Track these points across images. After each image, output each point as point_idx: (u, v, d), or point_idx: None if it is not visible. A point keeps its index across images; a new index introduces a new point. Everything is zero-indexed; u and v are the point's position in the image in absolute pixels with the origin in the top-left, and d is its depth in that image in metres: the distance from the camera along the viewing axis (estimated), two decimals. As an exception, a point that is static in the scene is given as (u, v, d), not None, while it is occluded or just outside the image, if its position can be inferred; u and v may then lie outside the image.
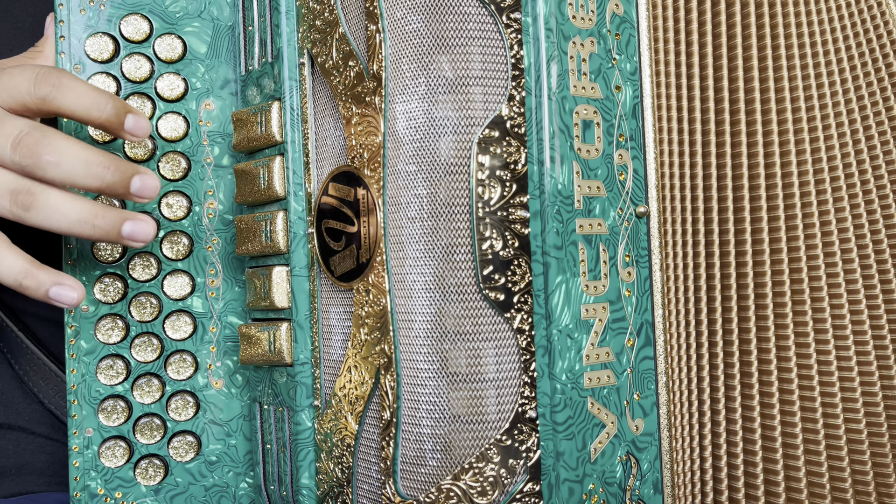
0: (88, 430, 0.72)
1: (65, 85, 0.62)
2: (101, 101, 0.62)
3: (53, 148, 0.60)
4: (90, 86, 0.63)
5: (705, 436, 0.68)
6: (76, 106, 0.62)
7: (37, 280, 0.61)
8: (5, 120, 0.61)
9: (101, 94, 0.63)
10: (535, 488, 0.58)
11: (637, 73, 0.63)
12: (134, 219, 0.63)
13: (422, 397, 0.59)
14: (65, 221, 0.61)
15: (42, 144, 0.60)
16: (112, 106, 0.63)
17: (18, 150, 0.60)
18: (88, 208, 0.61)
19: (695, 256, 0.67)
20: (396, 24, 0.59)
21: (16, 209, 0.60)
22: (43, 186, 0.61)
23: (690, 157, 0.68)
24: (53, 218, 0.61)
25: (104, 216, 0.62)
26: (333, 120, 0.66)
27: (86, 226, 0.61)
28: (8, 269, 0.61)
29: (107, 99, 0.63)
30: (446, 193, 0.58)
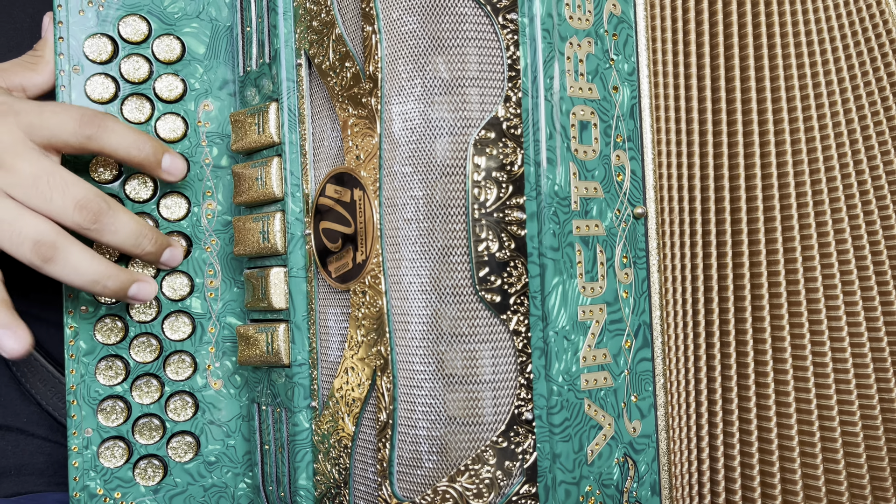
0: (88, 431, 0.72)
1: (109, 127, 0.66)
2: (139, 141, 0.68)
3: (117, 219, 0.66)
4: (130, 127, 0.68)
5: (703, 438, 0.67)
6: (118, 146, 0.67)
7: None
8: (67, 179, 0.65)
9: (140, 135, 0.68)
10: (532, 490, 0.58)
11: (635, 73, 0.63)
12: (140, 280, 0.69)
13: (418, 399, 0.59)
14: (79, 279, 0.65)
15: (108, 214, 0.65)
16: (150, 146, 0.68)
17: (82, 214, 0.64)
18: (103, 270, 0.66)
19: (693, 258, 0.67)
20: (392, 25, 0.59)
21: (35, 259, 0.64)
22: (66, 242, 0.65)
23: (689, 158, 0.67)
24: (70, 275, 0.65)
25: (116, 278, 0.67)
26: (331, 121, 0.66)
27: (97, 286, 0.66)
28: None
29: (145, 139, 0.68)
30: (442, 195, 0.58)
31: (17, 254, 0.64)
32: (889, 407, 0.69)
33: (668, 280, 0.65)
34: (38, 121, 0.65)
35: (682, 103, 0.67)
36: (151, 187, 0.73)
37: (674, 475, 0.65)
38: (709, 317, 0.68)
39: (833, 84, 0.70)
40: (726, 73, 0.68)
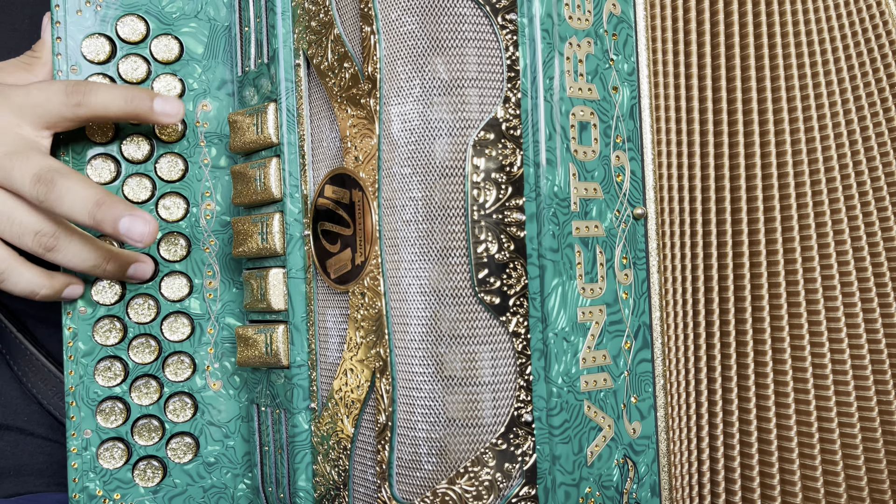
0: (87, 432, 0.72)
1: (93, 89, 0.67)
2: (128, 94, 0.68)
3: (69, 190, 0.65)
4: (115, 84, 0.69)
5: (703, 439, 0.67)
6: (109, 104, 0.67)
7: (52, 288, 0.69)
8: (32, 156, 0.66)
9: (128, 89, 0.68)
10: (531, 492, 0.57)
11: (635, 73, 0.62)
12: (138, 261, 0.71)
13: (417, 401, 0.58)
14: (81, 265, 0.69)
15: (56, 183, 0.65)
16: (138, 94, 0.68)
17: (37, 187, 0.65)
18: (101, 254, 0.69)
19: (693, 258, 0.67)
20: (391, 26, 0.59)
21: (38, 249, 0.67)
22: (64, 232, 0.67)
23: (689, 159, 0.67)
24: (72, 262, 0.68)
25: (115, 260, 0.70)
26: (329, 122, 0.65)
27: (98, 269, 0.69)
28: (26, 283, 0.69)
29: (132, 91, 0.68)
30: (441, 196, 0.58)
31: (21, 244, 0.67)
32: (887, 409, 0.69)
33: (668, 281, 0.65)
34: (26, 101, 0.66)
35: (682, 103, 0.67)
36: (150, 188, 0.73)
37: (673, 476, 0.65)
38: (709, 318, 0.68)
39: (833, 84, 0.70)
40: (727, 74, 0.68)
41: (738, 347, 0.68)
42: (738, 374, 0.68)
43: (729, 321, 0.68)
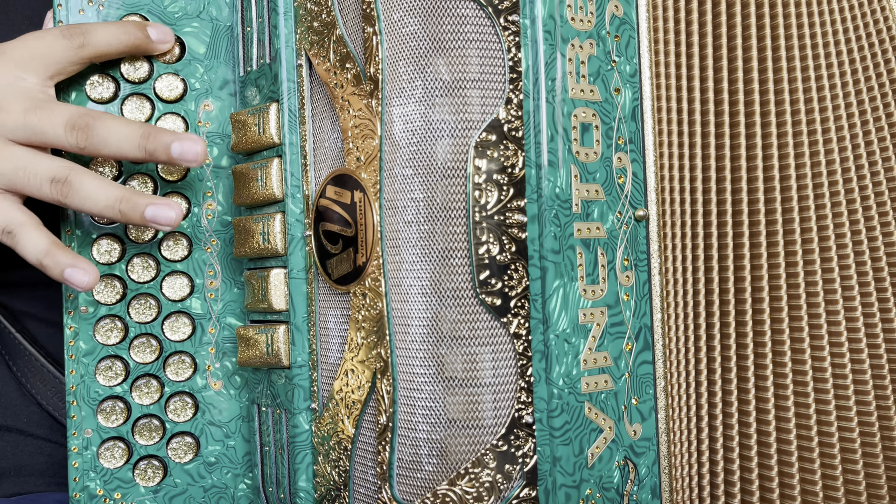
0: (87, 431, 0.72)
1: (90, 29, 0.68)
2: (121, 28, 0.69)
3: (107, 127, 0.66)
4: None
5: (703, 441, 0.67)
6: (108, 40, 0.68)
7: (55, 260, 0.66)
8: (55, 107, 0.66)
9: (121, 24, 0.69)
10: (532, 494, 0.57)
11: (637, 75, 0.62)
12: (156, 203, 0.66)
13: (418, 402, 0.58)
14: (94, 206, 0.66)
15: (96, 127, 0.65)
16: (132, 27, 0.69)
17: (74, 134, 0.65)
18: (115, 194, 0.66)
19: (694, 260, 0.67)
20: (393, 27, 0.59)
21: (56, 195, 0.66)
22: (78, 174, 0.66)
23: (691, 161, 0.67)
24: (85, 203, 0.66)
25: (128, 200, 0.66)
26: (331, 122, 0.65)
27: (112, 210, 0.66)
28: (32, 248, 0.66)
29: (125, 26, 0.69)
30: (443, 197, 0.58)
31: (40, 194, 0.66)
32: (886, 414, 0.69)
33: (670, 283, 0.65)
34: (26, 53, 0.66)
35: (684, 105, 0.66)
36: (151, 187, 0.73)
37: (674, 478, 0.65)
38: (710, 319, 0.68)
39: (837, 87, 0.70)
40: (729, 75, 0.68)
41: (739, 349, 0.68)
42: (738, 377, 0.68)
43: (730, 323, 0.68)
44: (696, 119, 0.67)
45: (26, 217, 0.67)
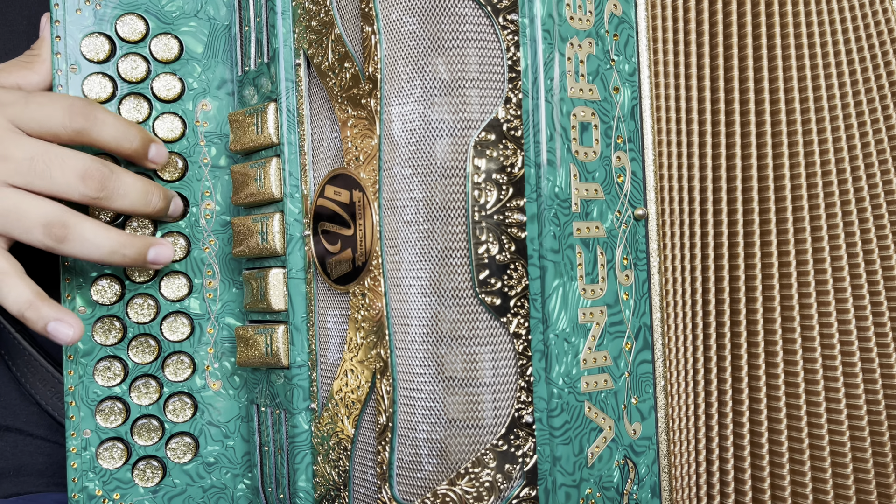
0: (86, 432, 0.72)
1: (99, 119, 0.65)
2: (130, 133, 0.67)
3: (123, 182, 0.66)
4: (120, 118, 0.67)
5: (701, 440, 0.67)
6: (109, 139, 0.66)
7: (38, 313, 0.64)
8: (63, 154, 0.64)
9: (131, 127, 0.68)
10: (532, 493, 0.57)
11: (636, 74, 0.62)
12: (156, 244, 0.69)
13: (418, 401, 0.58)
14: (97, 252, 0.65)
15: (112, 180, 0.65)
16: (139, 138, 0.68)
17: (88, 184, 0.64)
18: (119, 239, 0.66)
19: (693, 259, 0.67)
20: (392, 26, 0.59)
21: (49, 241, 0.64)
22: (76, 218, 0.64)
23: (689, 160, 0.67)
24: (87, 250, 0.65)
25: (132, 245, 0.67)
26: (330, 122, 0.65)
27: (116, 255, 0.66)
28: (14, 299, 0.64)
29: (135, 131, 0.68)
30: (442, 197, 0.57)
31: (30, 240, 0.64)
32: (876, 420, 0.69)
33: (669, 282, 0.65)
34: (24, 113, 0.64)
35: (682, 104, 0.66)
36: (149, 187, 0.73)
37: (674, 477, 0.65)
38: (707, 318, 0.68)
39: (834, 87, 0.70)
40: (726, 74, 0.68)
41: (736, 349, 0.68)
42: (734, 376, 0.68)
43: (727, 322, 0.68)
44: (695, 118, 0.67)
45: (9, 265, 0.64)
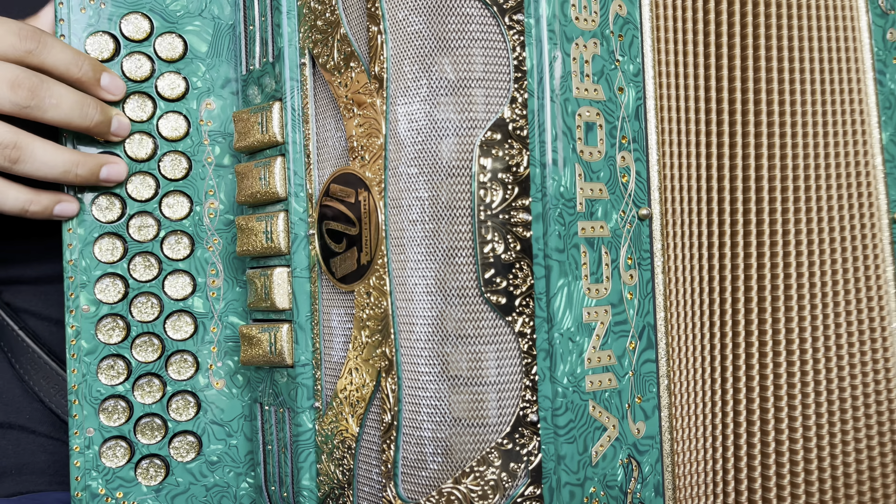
0: (89, 430, 0.72)
1: (48, 43, 0.66)
2: (80, 59, 0.68)
3: (54, 92, 0.66)
4: (69, 46, 0.68)
5: (707, 438, 0.68)
6: (57, 62, 0.67)
7: (41, 204, 0.68)
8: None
9: (80, 54, 0.68)
10: (536, 492, 0.58)
11: (640, 74, 0.63)
12: (109, 163, 0.69)
13: (423, 400, 0.58)
14: (51, 171, 0.66)
15: (43, 88, 0.65)
16: (90, 65, 0.68)
17: (18, 92, 0.64)
18: (71, 158, 0.67)
19: (698, 259, 0.67)
20: (398, 26, 0.59)
21: (4, 162, 0.65)
22: (28, 139, 0.66)
23: (695, 160, 0.67)
24: (41, 169, 0.66)
25: (85, 163, 0.68)
26: (335, 121, 0.65)
27: (70, 174, 0.67)
28: (14, 199, 0.67)
29: (86, 59, 0.68)
30: (448, 196, 0.58)
31: None
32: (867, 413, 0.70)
33: (673, 282, 0.65)
34: None
35: (688, 104, 0.67)
36: (153, 187, 0.73)
37: (677, 476, 0.65)
38: (712, 318, 0.68)
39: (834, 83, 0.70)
40: (730, 74, 0.68)
41: (740, 348, 0.68)
42: (735, 376, 0.69)
43: (731, 322, 0.68)
44: (700, 118, 0.67)
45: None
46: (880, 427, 0.70)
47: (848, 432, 0.69)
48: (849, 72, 0.71)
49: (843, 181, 0.70)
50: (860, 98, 0.71)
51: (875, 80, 0.71)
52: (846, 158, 0.70)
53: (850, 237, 0.70)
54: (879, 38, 0.71)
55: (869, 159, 0.71)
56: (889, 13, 0.71)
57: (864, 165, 0.71)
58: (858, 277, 0.70)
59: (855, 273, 0.70)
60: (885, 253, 0.70)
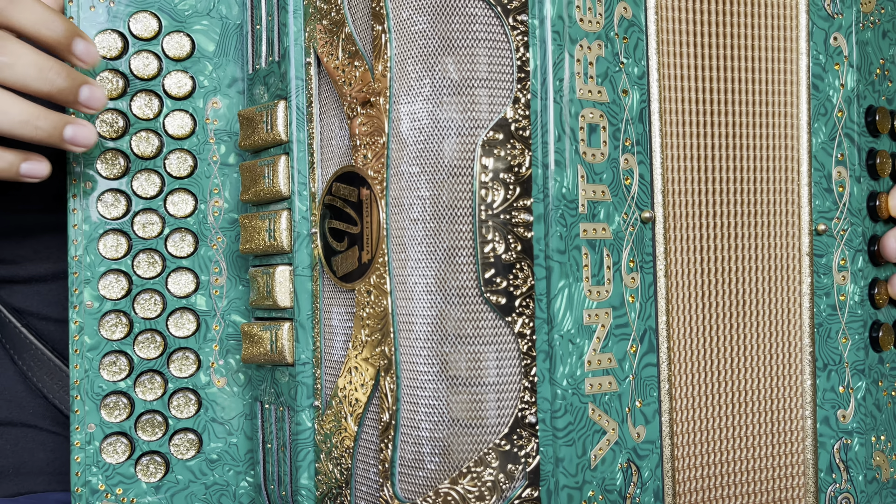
0: (90, 426, 0.72)
1: (21, 2, 0.62)
2: (51, 19, 0.63)
3: (8, 50, 0.61)
4: (44, 5, 0.63)
5: (708, 443, 0.67)
6: (27, 21, 0.62)
7: (7, 161, 0.63)
8: None
9: (54, 14, 0.63)
10: (534, 494, 0.57)
11: (645, 77, 0.62)
12: (75, 123, 0.64)
13: (421, 400, 0.58)
14: (7, 121, 0.61)
15: None
16: (63, 27, 0.63)
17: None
18: (31, 110, 0.62)
19: (701, 263, 0.67)
20: (402, 25, 0.59)
21: None
22: None
23: (698, 163, 0.67)
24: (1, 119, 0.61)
25: (46, 118, 0.62)
26: (339, 120, 0.65)
27: (28, 126, 0.62)
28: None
29: (60, 21, 0.63)
30: (449, 195, 0.58)
31: None
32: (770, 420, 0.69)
33: (675, 285, 0.65)
34: None
35: (692, 106, 0.66)
36: (158, 184, 0.73)
37: (678, 482, 0.65)
38: (713, 322, 0.68)
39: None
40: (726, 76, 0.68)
41: (742, 354, 0.68)
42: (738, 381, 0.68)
43: (734, 326, 0.68)
44: (705, 121, 0.67)
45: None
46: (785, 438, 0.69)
47: None
48: (784, 73, 0.69)
49: (777, 188, 0.69)
50: (791, 101, 0.69)
51: (808, 85, 0.69)
52: (777, 163, 0.69)
53: (778, 246, 0.69)
54: (821, 40, 0.69)
55: (795, 166, 0.69)
56: (835, 17, 0.68)
57: (791, 172, 0.69)
58: (781, 287, 0.69)
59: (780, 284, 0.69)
60: (802, 264, 0.69)
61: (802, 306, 0.68)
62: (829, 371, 0.69)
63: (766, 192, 0.68)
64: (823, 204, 0.68)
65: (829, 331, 0.68)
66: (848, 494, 0.70)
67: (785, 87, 0.68)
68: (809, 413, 0.69)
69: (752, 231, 0.68)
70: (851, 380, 0.70)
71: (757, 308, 0.68)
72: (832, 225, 0.68)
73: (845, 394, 0.69)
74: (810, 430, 0.69)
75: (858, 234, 0.69)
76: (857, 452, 0.70)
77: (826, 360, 0.69)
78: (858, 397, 0.70)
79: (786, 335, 0.69)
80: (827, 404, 0.69)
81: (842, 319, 0.69)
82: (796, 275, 0.68)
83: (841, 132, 0.69)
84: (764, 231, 0.68)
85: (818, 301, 0.68)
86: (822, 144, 0.68)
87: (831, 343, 0.69)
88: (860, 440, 0.70)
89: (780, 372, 0.69)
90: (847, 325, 0.69)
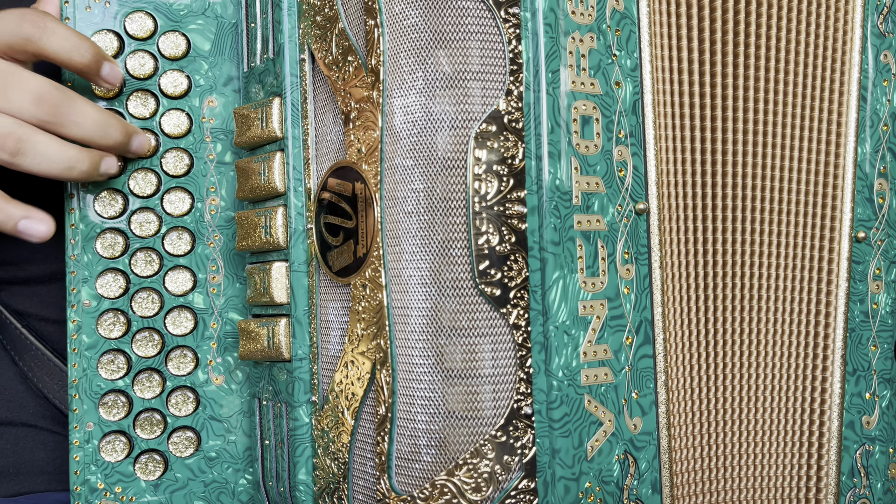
0: (89, 425, 0.72)
1: (49, 28, 0.64)
2: (82, 46, 0.65)
3: (81, 111, 0.65)
4: (73, 30, 0.66)
5: (705, 435, 0.67)
6: (59, 49, 0.64)
7: (6, 213, 0.65)
8: (23, 76, 0.64)
9: (83, 40, 0.65)
10: (530, 485, 0.57)
11: (637, 69, 0.63)
12: (107, 156, 0.69)
13: (417, 392, 0.58)
14: (53, 167, 0.64)
15: (66, 104, 0.64)
16: (92, 52, 0.66)
17: (41, 107, 0.63)
18: (73, 154, 0.65)
19: (696, 254, 0.67)
20: (395, 19, 0.59)
21: (4, 155, 0.63)
22: (31, 132, 0.64)
23: (692, 154, 0.67)
24: (42, 164, 0.64)
25: (84, 161, 0.66)
26: (333, 115, 0.66)
27: (71, 171, 0.65)
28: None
29: (88, 45, 0.65)
30: (443, 188, 0.58)
31: None
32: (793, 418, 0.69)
33: (670, 276, 0.65)
34: None
35: (685, 99, 0.67)
36: (154, 183, 0.73)
37: (675, 473, 0.65)
38: (709, 313, 0.68)
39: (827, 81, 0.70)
40: (723, 70, 0.68)
41: (738, 345, 0.68)
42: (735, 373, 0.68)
43: (729, 318, 0.68)
44: (697, 113, 0.67)
45: None
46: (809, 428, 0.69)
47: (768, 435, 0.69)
48: (832, 83, 0.70)
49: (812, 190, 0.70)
50: (840, 111, 0.70)
51: (859, 97, 0.70)
52: (817, 167, 0.70)
53: (809, 246, 0.70)
54: (872, 56, 0.71)
55: (840, 172, 0.70)
56: (887, 35, 0.71)
57: (833, 178, 0.70)
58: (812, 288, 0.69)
59: (808, 284, 0.69)
60: (841, 268, 0.69)
61: (838, 309, 0.69)
62: (857, 376, 0.69)
63: (792, 192, 0.69)
64: (864, 212, 0.70)
65: (861, 337, 0.69)
66: (866, 500, 0.70)
67: (831, 95, 0.70)
68: (837, 415, 0.69)
69: (768, 227, 0.68)
70: (878, 387, 0.70)
71: (775, 304, 0.68)
72: (871, 234, 0.69)
73: (871, 400, 0.70)
74: (836, 433, 0.69)
75: (894, 246, 0.71)
76: (878, 460, 0.70)
77: (856, 365, 0.69)
78: (883, 405, 0.70)
79: (811, 335, 0.69)
80: (853, 409, 0.69)
81: (873, 327, 0.70)
82: (833, 277, 0.69)
83: (885, 145, 0.71)
84: (785, 229, 0.68)
85: (853, 306, 0.69)
86: (866, 155, 0.70)
87: (862, 349, 0.69)
88: (881, 448, 0.70)
89: (800, 371, 0.69)
90: (878, 333, 0.70)
